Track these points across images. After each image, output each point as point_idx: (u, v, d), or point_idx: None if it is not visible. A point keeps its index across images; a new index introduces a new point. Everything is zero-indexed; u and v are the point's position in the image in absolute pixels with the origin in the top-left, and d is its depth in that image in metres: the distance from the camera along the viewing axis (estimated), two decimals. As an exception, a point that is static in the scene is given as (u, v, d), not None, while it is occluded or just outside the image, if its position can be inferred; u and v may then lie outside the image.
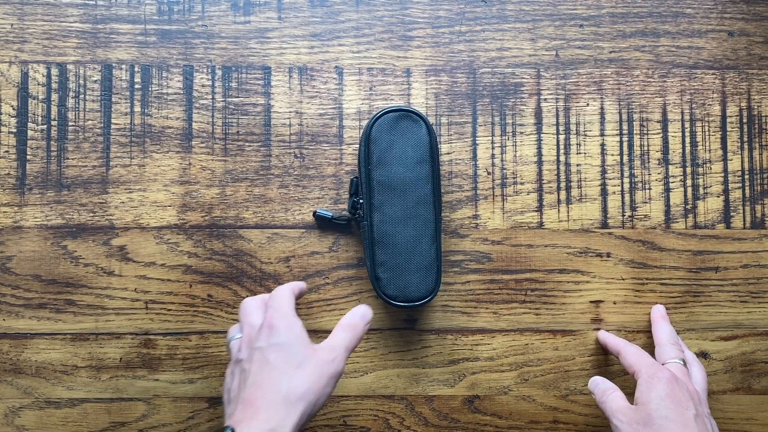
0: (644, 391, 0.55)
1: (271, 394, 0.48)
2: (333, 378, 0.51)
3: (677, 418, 0.52)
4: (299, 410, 0.48)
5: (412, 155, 0.61)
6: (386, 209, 0.61)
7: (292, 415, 0.48)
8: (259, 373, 0.49)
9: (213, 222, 0.66)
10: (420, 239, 0.61)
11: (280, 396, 0.48)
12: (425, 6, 0.68)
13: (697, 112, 0.68)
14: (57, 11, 0.67)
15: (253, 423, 0.46)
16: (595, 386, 0.61)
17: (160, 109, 0.66)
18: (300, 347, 0.51)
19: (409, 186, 0.61)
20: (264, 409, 0.47)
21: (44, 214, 0.65)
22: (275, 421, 0.47)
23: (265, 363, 0.50)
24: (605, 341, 0.64)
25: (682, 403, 0.54)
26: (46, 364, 0.64)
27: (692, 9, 0.69)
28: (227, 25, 0.67)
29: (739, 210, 0.68)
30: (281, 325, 0.51)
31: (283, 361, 0.50)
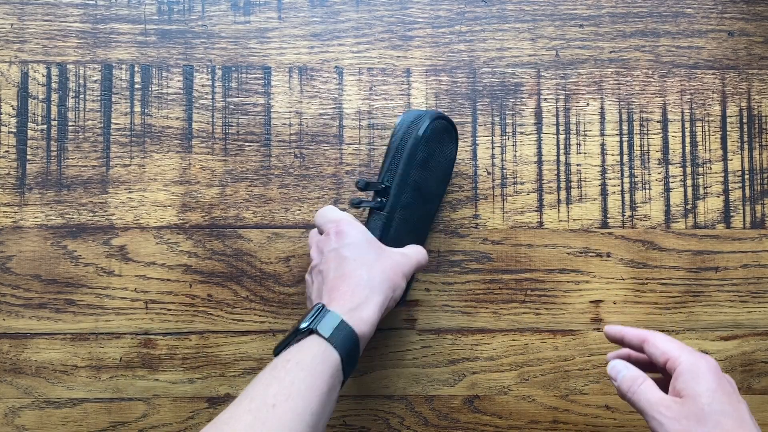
0: (690, 382, 0.48)
1: (353, 279, 0.51)
2: (405, 276, 0.54)
3: (733, 413, 0.47)
4: (381, 293, 0.51)
5: (442, 171, 0.61)
6: (409, 213, 0.59)
7: (376, 296, 0.51)
8: (339, 268, 0.52)
9: (213, 222, 0.66)
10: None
11: (363, 281, 0.51)
12: (425, 6, 0.68)
13: (697, 112, 0.68)
14: (57, 11, 0.67)
15: (341, 301, 0.50)
16: (617, 373, 0.53)
17: (160, 109, 0.66)
18: (372, 246, 0.54)
19: (430, 199, 0.61)
20: (350, 291, 0.51)
21: (44, 214, 0.65)
22: (360, 299, 0.50)
23: (342, 259, 0.53)
24: (621, 334, 0.56)
25: (733, 397, 0.48)
26: (46, 364, 0.64)
27: (692, 9, 0.69)
28: (227, 25, 0.67)
29: (739, 210, 0.68)
30: (350, 229, 0.54)
31: (359, 255, 0.53)
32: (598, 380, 0.66)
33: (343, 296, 0.51)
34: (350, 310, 0.50)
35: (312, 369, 0.46)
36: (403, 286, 0.54)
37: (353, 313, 0.50)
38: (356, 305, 0.50)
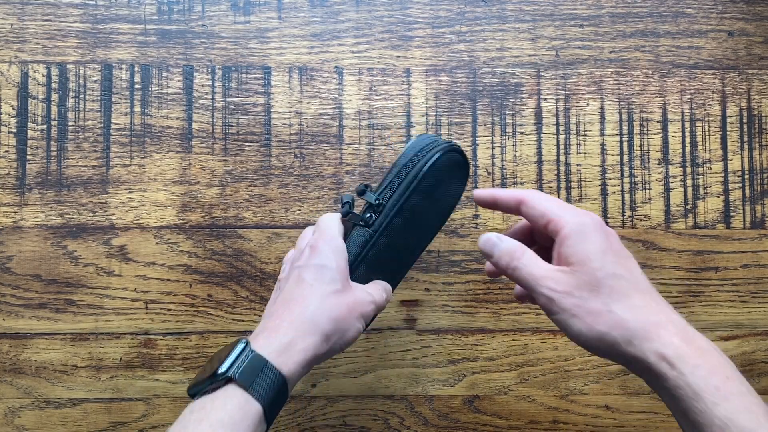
0: (577, 246, 0.42)
1: (298, 308, 0.46)
2: (362, 318, 0.48)
3: (626, 274, 0.41)
4: (322, 332, 0.45)
5: (443, 205, 0.55)
6: (396, 238, 0.53)
7: (314, 335, 0.45)
8: (293, 290, 0.47)
9: (213, 222, 0.66)
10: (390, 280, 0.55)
11: (307, 313, 0.45)
12: (425, 6, 0.68)
13: (697, 112, 0.68)
14: (57, 11, 0.67)
15: (272, 335, 0.44)
16: (492, 247, 0.45)
17: (160, 109, 0.66)
18: (338, 273, 0.48)
19: (422, 231, 0.55)
20: (287, 323, 0.45)
21: (44, 214, 0.65)
22: (296, 336, 0.44)
23: (300, 281, 0.47)
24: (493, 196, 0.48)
25: (622, 254, 0.42)
26: (45, 364, 0.64)
27: (692, 9, 0.69)
28: (227, 25, 0.67)
29: (739, 210, 0.67)
30: (324, 248, 0.48)
31: (319, 281, 0.47)
32: (598, 380, 0.66)
33: (278, 328, 0.45)
34: (282, 347, 0.44)
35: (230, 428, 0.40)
36: (359, 328, 0.48)
37: (284, 353, 0.44)
38: (289, 342, 0.44)
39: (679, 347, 0.38)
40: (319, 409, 0.65)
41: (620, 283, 0.41)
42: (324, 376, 0.65)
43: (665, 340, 0.39)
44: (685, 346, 0.39)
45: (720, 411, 0.36)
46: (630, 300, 0.40)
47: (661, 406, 0.65)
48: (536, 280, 0.42)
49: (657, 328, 0.39)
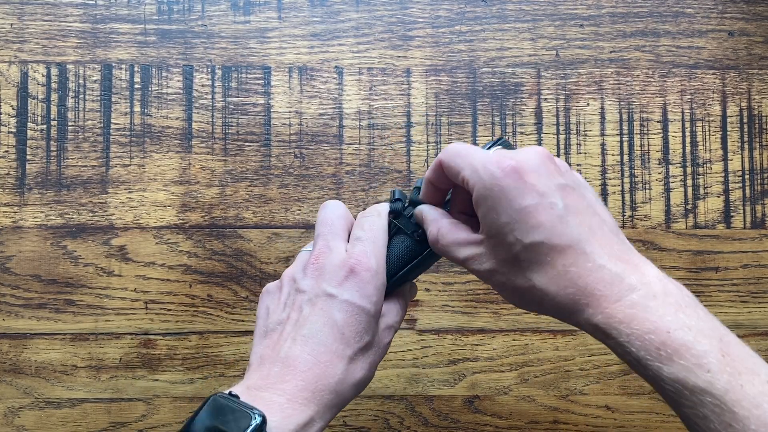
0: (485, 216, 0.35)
1: (319, 371, 0.36)
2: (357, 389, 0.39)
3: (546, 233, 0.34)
4: (344, 402, 0.38)
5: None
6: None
7: (334, 408, 0.37)
8: (319, 334, 0.37)
9: (213, 222, 0.66)
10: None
11: (331, 382, 0.36)
12: (425, 6, 0.68)
13: (697, 112, 0.68)
14: (56, 11, 0.67)
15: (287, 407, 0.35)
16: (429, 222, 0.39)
17: (160, 108, 0.66)
18: (373, 319, 0.38)
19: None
20: (306, 393, 0.36)
21: (44, 214, 0.65)
22: (312, 413, 0.36)
23: (331, 324, 0.37)
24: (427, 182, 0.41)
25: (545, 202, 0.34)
26: (45, 364, 0.64)
27: (692, 9, 0.69)
28: (227, 24, 0.67)
29: (739, 210, 0.67)
30: (368, 277, 0.38)
31: (352, 331, 0.37)
32: (599, 380, 0.66)
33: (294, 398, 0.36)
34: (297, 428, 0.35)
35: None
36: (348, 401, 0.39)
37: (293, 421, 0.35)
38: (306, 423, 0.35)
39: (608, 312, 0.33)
40: (319, 410, 0.65)
41: (539, 250, 0.34)
42: (324, 377, 0.65)
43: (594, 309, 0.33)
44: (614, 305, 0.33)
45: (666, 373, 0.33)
46: (552, 268, 0.34)
47: (662, 407, 0.65)
48: (461, 259, 0.37)
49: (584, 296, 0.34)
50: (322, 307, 0.38)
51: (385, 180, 0.67)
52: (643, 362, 0.33)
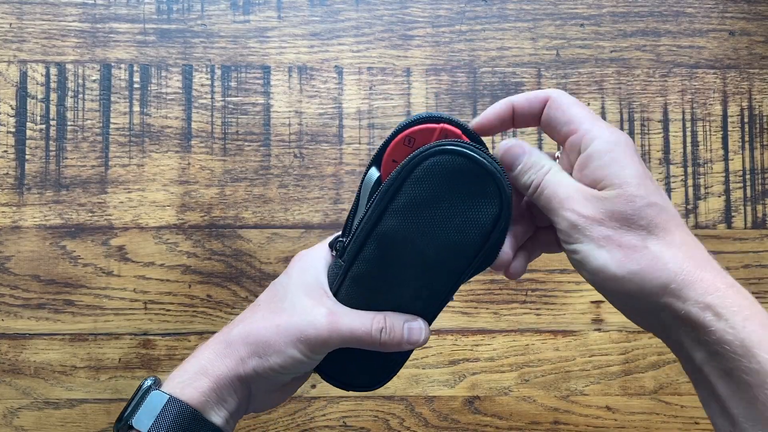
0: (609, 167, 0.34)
1: (226, 330, 0.40)
2: (301, 343, 0.38)
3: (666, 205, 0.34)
4: (236, 354, 0.38)
5: (453, 235, 0.38)
6: (368, 273, 0.40)
7: (225, 358, 0.38)
8: (247, 309, 0.42)
9: (212, 222, 0.66)
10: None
11: (229, 335, 0.39)
12: (425, 5, 0.68)
13: (698, 111, 0.68)
14: (56, 10, 0.67)
15: (192, 362, 0.39)
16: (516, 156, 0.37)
17: (159, 108, 0.66)
18: (295, 293, 0.39)
19: (421, 268, 0.39)
20: (209, 347, 0.39)
21: (43, 214, 0.65)
22: (206, 360, 0.38)
23: (257, 300, 0.42)
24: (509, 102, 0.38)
25: (653, 180, 0.35)
26: (44, 365, 0.64)
27: (693, 8, 0.69)
28: (226, 24, 0.67)
29: (740, 210, 0.67)
30: (295, 264, 0.41)
31: (267, 302, 0.41)
32: (599, 381, 0.66)
33: (197, 353, 0.39)
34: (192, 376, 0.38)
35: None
36: (293, 354, 0.38)
37: (194, 382, 0.38)
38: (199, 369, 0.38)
39: (726, 294, 0.32)
40: (318, 410, 0.65)
41: (660, 215, 0.33)
42: (324, 377, 0.65)
43: (708, 285, 0.32)
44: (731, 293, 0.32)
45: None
46: (670, 235, 0.33)
47: (662, 407, 0.65)
48: (561, 201, 0.35)
49: (699, 270, 0.33)
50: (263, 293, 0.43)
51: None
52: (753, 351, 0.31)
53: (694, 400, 0.65)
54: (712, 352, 0.32)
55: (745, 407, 0.31)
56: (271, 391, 0.41)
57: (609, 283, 0.34)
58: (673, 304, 0.33)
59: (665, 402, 0.65)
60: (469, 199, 0.37)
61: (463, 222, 0.38)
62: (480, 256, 0.39)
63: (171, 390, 0.38)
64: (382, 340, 0.39)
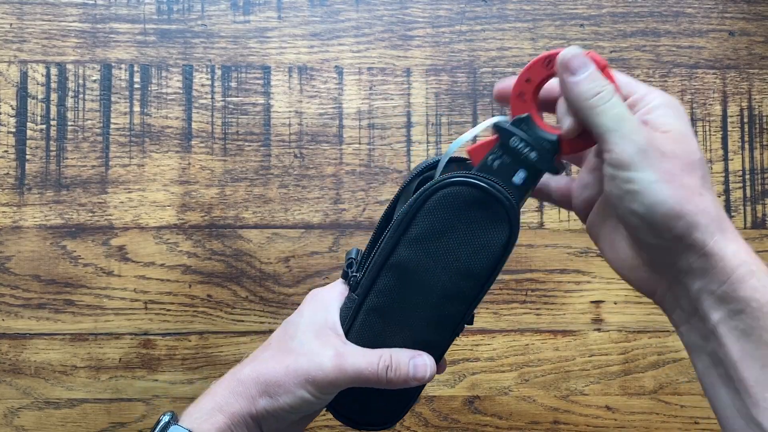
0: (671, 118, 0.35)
1: (237, 369, 0.41)
2: (309, 384, 0.39)
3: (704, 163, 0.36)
4: (247, 394, 0.40)
5: (465, 261, 0.40)
6: (386, 302, 0.41)
7: (239, 396, 0.40)
8: (259, 349, 0.43)
9: (212, 222, 0.66)
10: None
11: (241, 374, 0.41)
12: (425, 5, 0.68)
13: (697, 111, 0.68)
14: (56, 11, 0.67)
15: (208, 398, 0.40)
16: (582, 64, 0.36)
17: (160, 108, 0.66)
18: (305, 333, 0.41)
19: (435, 293, 0.41)
20: (222, 384, 0.41)
21: (43, 214, 0.65)
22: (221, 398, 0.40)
23: (267, 341, 0.43)
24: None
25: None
26: (45, 365, 0.64)
27: (693, 9, 0.69)
28: (227, 24, 0.67)
29: (740, 210, 0.67)
30: (306, 305, 0.43)
31: (278, 341, 0.42)
32: (599, 381, 0.66)
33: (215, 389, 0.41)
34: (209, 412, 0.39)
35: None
36: (302, 396, 0.39)
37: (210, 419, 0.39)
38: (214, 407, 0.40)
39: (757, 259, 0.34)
40: (318, 410, 0.65)
41: (708, 173, 0.36)
42: (324, 377, 0.65)
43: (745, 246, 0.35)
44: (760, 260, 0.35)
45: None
46: (713, 191, 0.36)
47: (662, 407, 0.65)
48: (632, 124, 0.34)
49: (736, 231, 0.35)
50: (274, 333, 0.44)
51: (385, 180, 0.66)
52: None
53: (694, 400, 0.65)
54: (735, 311, 0.33)
55: (760, 368, 0.32)
56: (281, 429, 0.42)
57: (661, 218, 0.34)
58: (716, 252, 0.34)
59: (665, 402, 0.66)
60: (480, 226, 0.39)
61: (475, 248, 0.40)
62: (490, 284, 0.41)
63: (189, 425, 0.39)
64: (388, 378, 0.40)
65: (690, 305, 0.36)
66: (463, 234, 0.40)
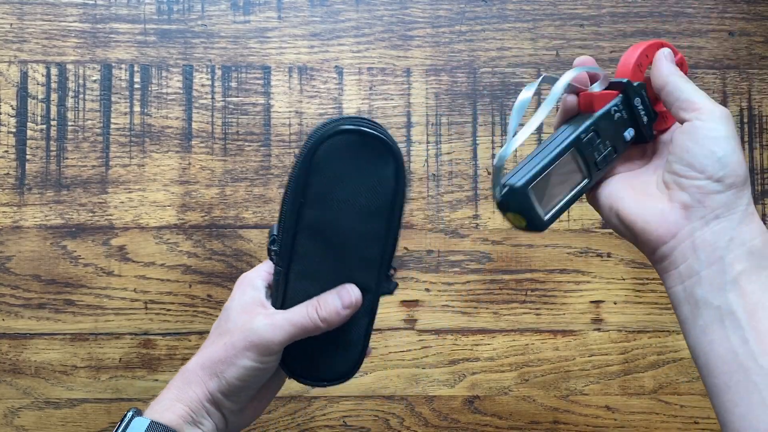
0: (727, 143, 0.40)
1: (186, 365, 0.44)
2: (249, 350, 0.42)
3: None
4: (198, 380, 0.43)
5: (364, 202, 0.43)
6: (311, 262, 0.44)
7: (192, 384, 0.43)
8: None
9: (213, 222, 0.66)
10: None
11: (188, 366, 0.44)
12: (425, 5, 0.68)
13: (697, 111, 0.68)
14: (56, 11, 0.67)
15: (165, 393, 0.44)
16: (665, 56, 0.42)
17: (160, 108, 0.66)
18: (236, 313, 0.44)
19: (350, 241, 0.43)
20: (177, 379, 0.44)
21: (44, 214, 0.65)
22: (177, 390, 0.43)
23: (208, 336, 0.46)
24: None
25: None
26: (45, 365, 0.64)
27: (693, 9, 0.69)
28: (227, 24, 0.67)
29: (739, 210, 0.67)
30: (236, 290, 0.46)
31: (215, 329, 0.45)
32: (599, 381, 0.66)
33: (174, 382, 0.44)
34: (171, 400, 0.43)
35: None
36: (245, 364, 0.42)
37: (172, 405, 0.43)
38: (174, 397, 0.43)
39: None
40: (319, 410, 0.65)
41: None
42: (324, 377, 0.65)
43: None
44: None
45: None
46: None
47: (662, 407, 0.65)
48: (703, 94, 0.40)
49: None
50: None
51: (385, 180, 0.66)
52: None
53: (694, 400, 0.65)
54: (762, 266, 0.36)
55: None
56: (242, 408, 0.45)
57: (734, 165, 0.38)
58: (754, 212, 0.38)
59: (665, 402, 0.66)
60: (368, 166, 0.42)
61: (370, 187, 0.43)
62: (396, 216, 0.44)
63: (151, 416, 0.42)
64: (320, 317, 0.43)
65: (711, 255, 0.37)
66: (356, 179, 0.42)
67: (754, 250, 0.37)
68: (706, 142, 0.38)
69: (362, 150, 0.42)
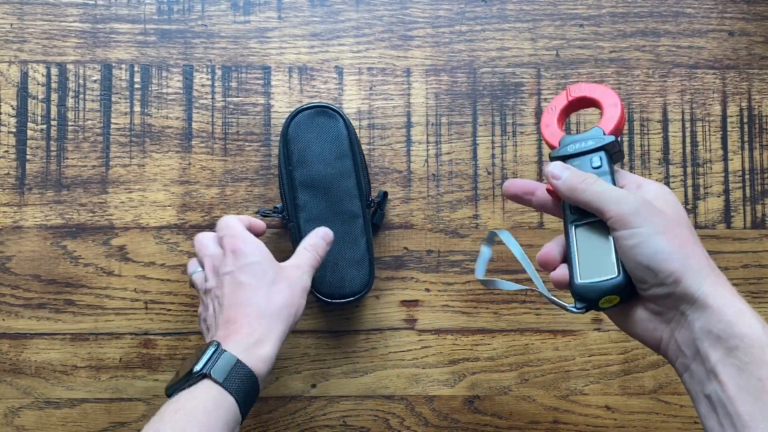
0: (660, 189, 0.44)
1: (251, 309, 0.49)
2: (304, 291, 0.53)
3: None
4: (281, 322, 0.50)
5: (331, 151, 0.61)
6: (311, 208, 0.61)
7: (275, 327, 0.49)
8: (234, 295, 0.50)
9: (213, 222, 0.66)
10: (349, 234, 0.61)
11: (260, 310, 0.49)
12: (425, 5, 0.68)
13: (697, 111, 0.68)
14: (56, 11, 0.67)
15: (238, 337, 0.48)
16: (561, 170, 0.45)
17: (160, 108, 0.66)
18: (269, 266, 0.52)
19: (332, 182, 0.61)
20: (246, 324, 0.49)
21: (44, 214, 0.65)
22: (259, 333, 0.48)
23: (237, 285, 0.50)
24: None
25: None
26: (45, 364, 0.64)
27: (693, 9, 0.69)
28: (227, 24, 0.67)
29: (739, 210, 0.67)
30: (246, 248, 0.52)
31: (256, 279, 0.51)
32: (599, 380, 0.66)
33: (240, 330, 0.48)
34: (248, 347, 0.48)
35: (205, 418, 0.44)
36: (303, 304, 0.53)
37: (251, 351, 0.48)
38: (255, 341, 0.48)
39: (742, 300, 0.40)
40: (319, 410, 0.65)
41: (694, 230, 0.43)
42: (324, 377, 0.65)
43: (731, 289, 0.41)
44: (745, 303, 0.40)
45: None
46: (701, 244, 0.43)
47: (662, 407, 0.65)
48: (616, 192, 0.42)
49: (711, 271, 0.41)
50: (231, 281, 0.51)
51: (385, 180, 0.67)
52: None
53: (694, 400, 0.65)
54: (731, 348, 0.38)
55: (753, 401, 0.36)
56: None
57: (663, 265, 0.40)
58: (711, 293, 0.39)
59: (665, 401, 0.66)
60: (325, 127, 0.62)
61: (332, 140, 0.62)
62: (357, 152, 0.62)
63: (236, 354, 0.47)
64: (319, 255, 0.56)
65: (691, 349, 0.40)
66: (320, 138, 0.61)
67: (721, 333, 0.38)
68: (630, 255, 0.41)
69: (318, 117, 0.62)
